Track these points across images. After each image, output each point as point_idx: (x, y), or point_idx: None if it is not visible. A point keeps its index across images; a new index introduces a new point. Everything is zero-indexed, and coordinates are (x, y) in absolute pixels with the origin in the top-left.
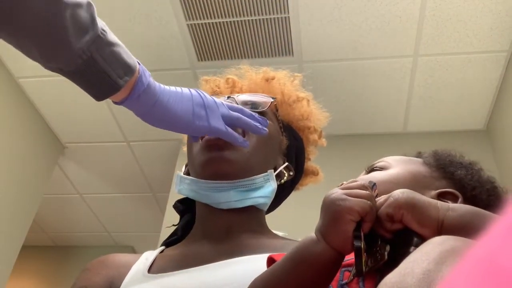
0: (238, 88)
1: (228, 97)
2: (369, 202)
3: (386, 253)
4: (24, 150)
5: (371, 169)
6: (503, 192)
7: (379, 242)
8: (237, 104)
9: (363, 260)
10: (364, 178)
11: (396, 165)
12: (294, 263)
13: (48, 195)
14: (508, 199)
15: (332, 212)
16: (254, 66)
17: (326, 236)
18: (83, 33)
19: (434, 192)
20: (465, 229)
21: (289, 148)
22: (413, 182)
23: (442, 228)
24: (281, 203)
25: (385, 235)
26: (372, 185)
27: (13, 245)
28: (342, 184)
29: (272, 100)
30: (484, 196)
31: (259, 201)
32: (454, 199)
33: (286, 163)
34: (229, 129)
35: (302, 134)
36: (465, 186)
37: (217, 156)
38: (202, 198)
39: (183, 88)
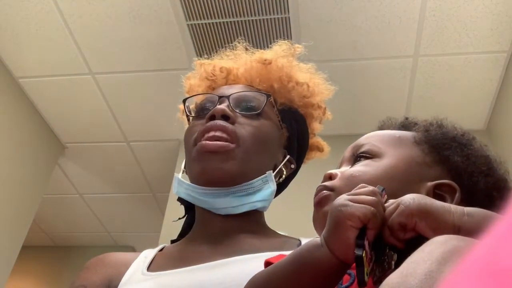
0: (234, 75)
1: (220, 97)
2: (372, 208)
3: (393, 262)
4: (24, 150)
5: (358, 155)
6: (498, 166)
7: (387, 251)
8: (231, 106)
9: (366, 270)
10: (353, 170)
11: (386, 150)
12: (295, 265)
13: (48, 195)
14: (508, 190)
15: (333, 218)
16: (250, 49)
17: (329, 243)
18: None
19: (430, 184)
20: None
21: (289, 138)
22: (408, 174)
23: (459, 234)
24: (283, 190)
25: (397, 245)
26: (381, 190)
27: (13, 245)
28: (329, 173)
29: (268, 97)
30: (481, 184)
31: (257, 206)
32: (451, 191)
33: (288, 157)
34: None
35: (305, 111)
36: (461, 174)
37: (210, 166)
38: (200, 203)
39: None
